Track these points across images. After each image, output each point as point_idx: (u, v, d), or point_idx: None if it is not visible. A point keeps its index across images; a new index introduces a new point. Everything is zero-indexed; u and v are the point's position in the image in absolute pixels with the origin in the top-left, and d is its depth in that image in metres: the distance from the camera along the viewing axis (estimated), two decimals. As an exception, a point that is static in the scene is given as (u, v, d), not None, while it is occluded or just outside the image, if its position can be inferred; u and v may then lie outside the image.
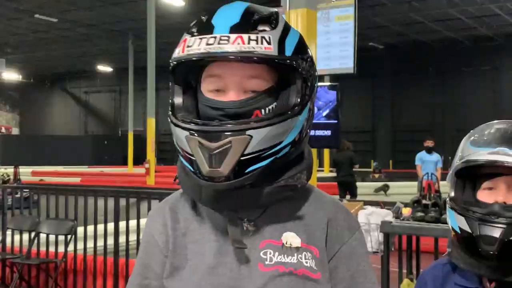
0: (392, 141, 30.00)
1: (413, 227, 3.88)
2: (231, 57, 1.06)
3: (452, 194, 1.49)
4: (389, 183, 18.86)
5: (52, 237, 6.34)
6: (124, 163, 28.62)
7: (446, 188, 1.61)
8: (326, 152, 22.44)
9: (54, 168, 27.41)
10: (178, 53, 1.10)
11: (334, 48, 16.71)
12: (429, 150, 11.91)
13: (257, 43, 1.06)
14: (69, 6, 22.36)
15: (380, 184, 18.62)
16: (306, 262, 1.14)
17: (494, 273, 1.41)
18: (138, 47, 26.17)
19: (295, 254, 1.14)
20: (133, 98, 27.02)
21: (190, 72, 1.16)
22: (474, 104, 26.93)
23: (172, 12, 21.61)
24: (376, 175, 21.39)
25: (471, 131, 1.49)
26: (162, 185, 15.32)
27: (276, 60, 1.09)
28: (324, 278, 1.15)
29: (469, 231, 1.41)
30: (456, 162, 1.47)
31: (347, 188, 12.20)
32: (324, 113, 4.21)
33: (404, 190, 15.45)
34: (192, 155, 1.09)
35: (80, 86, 40.84)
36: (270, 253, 1.13)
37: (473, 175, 1.47)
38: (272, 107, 1.12)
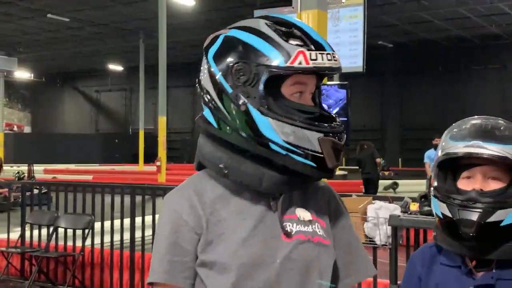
0: (401, 139, 30.05)
1: (421, 221, 4.00)
2: (339, 71, 1.37)
3: (435, 183, 1.67)
4: (398, 181, 18.96)
5: (70, 232, 6.54)
6: (135, 161, 28.84)
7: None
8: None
9: (65, 166, 27.66)
10: (300, 63, 1.28)
11: (343, 47, 16.85)
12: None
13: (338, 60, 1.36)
14: (81, 6, 22.59)
15: (389, 182, 18.73)
16: (319, 231, 1.38)
17: (474, 252, 1.59)
18: (149, 46, 26.38)
19: (310, 225, 1.37)
20: (143, 96, 27.24)
21: (274, 80, 1.32)
22: (482, 102, 26.92)
23: (182, 11, 21.78)
24: (386, 173, 21.49)
25: (451, 126, 1.69)
26: (173, 182, 15.49)
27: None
28: (331, 244, 1.40)
29: (450, 216, 1.59)
30: (438, 155, 1.65)
31: (369, 184, 13.00)
32: (334, 111, 4.36)
33: (412, 188, 15.53)
34: (320, 153, 1.30)
35: (91, 85, 41.13)
36: (289, 226, 1.35)
37: (453, 166, 1.65)
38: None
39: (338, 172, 21.18)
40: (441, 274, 1.67)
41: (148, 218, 6.07)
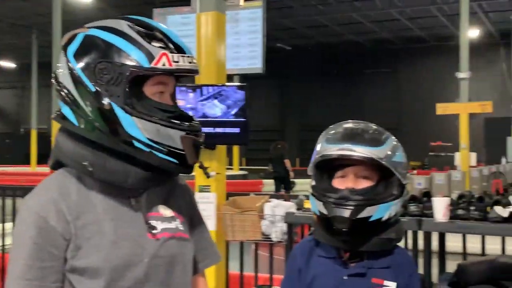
0: (299, 140, 30.79)
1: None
2: (196, 74, 1.43)
3: (313, 183, 1.83)
4: (296, 180, 19.41)
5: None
6: (27, 162, 27.61)
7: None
8: (236, 152, 22.72)
9: (-49, 168, 25.98)
10: (164, 64, 1.33)
11: (243, 48, 17.00)
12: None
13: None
14: (-32, -2, 21.36)
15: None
16: (180, 227, 1.46)
17: (347, 245, 1.76)
18: (44, 43, 25.35)
19: (172, 222, 1.44)
20: (37, 95, 26.14)
21: (138, 80, 1.36)
22: (376, 104, 28.17)
23: (79, 8, 21.15)
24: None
25: (327, 129, 1.84)
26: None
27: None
28: (190, 237, 1.50)
29: (326, 213, 1.74)
30: (315, 157, 1.80)
31: (282, 182, 13.51)
32: (233, 112, 4.43)
33: (308, 187, 15.99)
34: (181, 150, 1.35)
35: (-21, 82, 38.94)
36: (154, 223, 1.41)
37: (329, 167, 1.80)
38: None
39: (238, 172, 21.38)
40: (318, 265, 1.81)
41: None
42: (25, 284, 1.30)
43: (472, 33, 21.06)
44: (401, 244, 1.88)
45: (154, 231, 1.39)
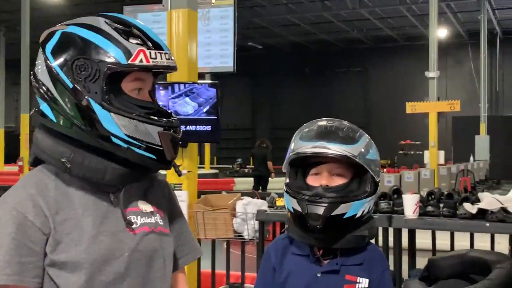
0: (271, 139, 30.84)
1: (286, 215, 4.18)
2: (174, 70, 1.43)
3: (287, 180, 1.83)
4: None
5: None
6: (-6, 161, 27.12)
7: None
8: (207, 150, 22.66)
9: None
10: (140, 61, 1.34)
11: (214, 46, 17.01)
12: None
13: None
14: None
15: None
16: (160, 222, 1.48)
17: (321, 242, 1.77)
18: (11, 40, 24.92)
19: (152, 217, 1.46)
20: (4, 93, 25.69)
21: (118, 77, 1.37)
22: (346, 103, 28.40)
23: (48, 4, 20.85)
24: (244, 171, 22.02)
25: (301, 127, 1.85)
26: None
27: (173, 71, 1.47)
28: (170, 232, 1.52)
29: (300, 210, 1.74)
30: (289, 154, 1.81)
31: (260, 181, 13.37)
32: (205, 109, 4.41)
33: (280, 185, 16.03)
34: (159, 146, 1.37)
35: None
36: (134, 218, 1.42)
37: (303, 164, 1.82)
38: None
39: (209, 171, 21.34)
40: (292, 263, 1.81)
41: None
42: (4, 279, 1.29)
43: (441, 33, 21.38)
44: (371, 240, 1.90)
45: (133, 226, 1.41)
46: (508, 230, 3.65)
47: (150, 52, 1.36)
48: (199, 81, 4.56)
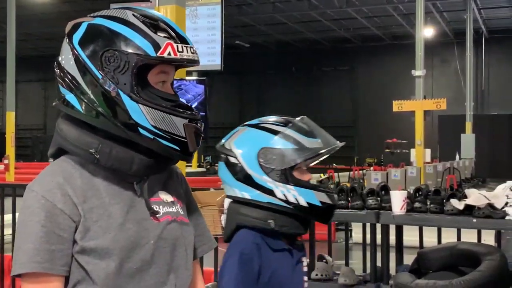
0: (258, 137, 30.87)
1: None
2: (197, 64, 1.46)
3: (288, 177, 1.86)
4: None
5: None
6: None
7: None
8: (194, 147, 22.60)
9: None
10: (169, 54, 1.36)
11: (202, 44, 16.96)
12: None
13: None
14: None
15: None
16: (181, 211, 1.51)
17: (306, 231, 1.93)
18: (-4, 37, 24.71)
19: (173, 206, 1.49)
20: (-11, 91, 25.49)
21: (142, 69, 1.39)
22: (333, 101, 28.47)
23: (34, 2, 20.69)
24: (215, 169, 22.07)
25: (294, 123, 1.95)
26: (23, 181, 14.67)
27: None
28: (190, 222, 1.57)
29: (331, 202, 1.85)
30: (296, 152, 1.87)
31: None
32: (193, 106, 4.41)
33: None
34: (184, 138, 1.39)
35: None
36: (156, 208, 1.46)
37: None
38: None
39: (196, 169, 21.29)
40: (274, 260, 1.83)
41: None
42: (34, 266, 1.32)
43: (427, 32, 21.50)
44: (359, 237, 2.04)
45: (158, 215, 1.45)
46: (494, 226, 3.68)
47: (177, 46, 1.38)
48: (187, 78, 4.56)
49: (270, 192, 1.81)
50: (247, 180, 1.83)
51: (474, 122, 21.19)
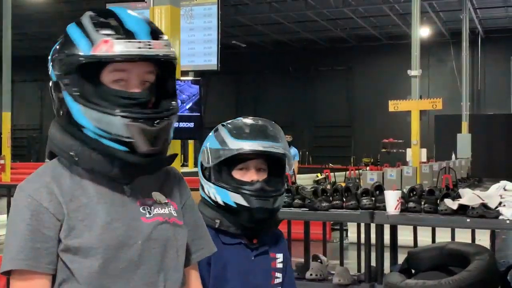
0: (255, 137, 30.86)
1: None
2: (161, 59, 1.37)
3: (216, 176, 1.94)
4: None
5: None
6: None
7: (301, 181, 2.09)
8: (191, 149, 22.60)
9: None
10: (102, 51, 1.32)
11: (198, 45, 16.95)
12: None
13: (168, 47, 1.38)
14: None
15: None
16: (174, 213, 1.49)
17: (255, 232, 1.97)
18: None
19: (165, 207, 1.47)
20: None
21: (91, 69, 1.37)
22: (330, 101, 28.47)
23: (30, 2, 20.65)
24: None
25: (221, 126, 1.99)
26: (20, 182, 14.63)
27: (174, 61, 1.43)
28: (183, 224, 1.51)
29: (246, 204, 1.88)
30: (219, 152, 1.92)
31: None
32: (188, 106, 4.41)
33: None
34: (129, 138, 1.34)
35: None
36: (147, 208, 1.44)
37: (227, 160, 1.93)
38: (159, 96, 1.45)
39: (193, 169, 21.23)
40: (228, 253, 1.94)
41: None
42: (18, 264, 1.33)
43: (423, 32, 21.51)
44: (354, 237, 2.03)
45: (147, 216, 1.43)
46: (488, 225, 3.69)
47: (116, 42, 1.34)
48: (182, 78, 4.56)
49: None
50: (200, 178, 2.01)
51: (470, 122, 21.22)
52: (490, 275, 2.55)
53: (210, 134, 2.03)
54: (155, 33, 1.39)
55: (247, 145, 1.89)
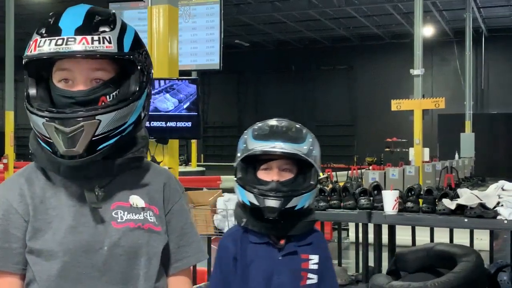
0: (258, 136, 30.84)
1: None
2: (77, 55, 1.30)
3: (239, 175, 2.02)
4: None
5: None
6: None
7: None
8: (194, 148, 22.59)
9: None
10: (30, 51, 1.30)
11: (200, 44, 16.90)
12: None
13: (99, 43, 1.30)
14: None
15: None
16: (151, 219, 1.43)
17: (278, 231, 2.01)
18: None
19: (141, 213, 1.41)
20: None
21: (42, 67, 1.36)
22: (332, 101, 28.45)
23: (33, 1, 20.69)
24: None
25: (250, 128, 2.05)
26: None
27: (116, 56, 1.33)
28: (163, 230, 1.45)
29: (257, 203, 1.94)
30: (242, 152, 2.00)
31: None
32: (185, 106, 4.40)
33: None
34: (49, 138, 1.31)
35: None
36: (120, 213, 1.39)
37: (253, 160, 2.01)
38: (116, 94, 1.36)
39: (195, 169, 21.25)
40: (254, 251, 1.99)
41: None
42: None
43: (427, 31, 21.46)
44: (352, 237, 2.04)
45: (118, 220, 1.38)
46: (486, 225, 3.67)
47: (40, 41, 1.32)
48: (180, 77, 4.55)
49: None
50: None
51: (474, 121, 21.17)
52: (476, 277, 2.53)
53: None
54: (87, 28, 1.32)
55: (259, 146, 1.96)
